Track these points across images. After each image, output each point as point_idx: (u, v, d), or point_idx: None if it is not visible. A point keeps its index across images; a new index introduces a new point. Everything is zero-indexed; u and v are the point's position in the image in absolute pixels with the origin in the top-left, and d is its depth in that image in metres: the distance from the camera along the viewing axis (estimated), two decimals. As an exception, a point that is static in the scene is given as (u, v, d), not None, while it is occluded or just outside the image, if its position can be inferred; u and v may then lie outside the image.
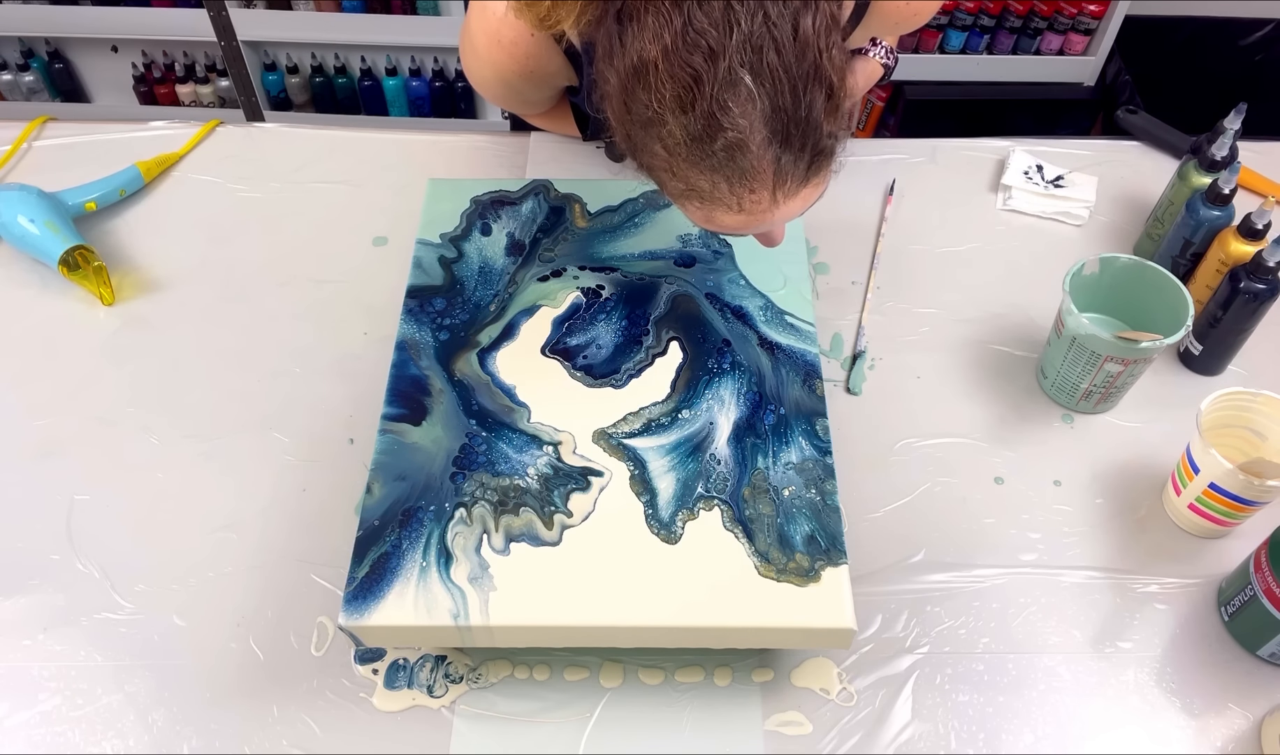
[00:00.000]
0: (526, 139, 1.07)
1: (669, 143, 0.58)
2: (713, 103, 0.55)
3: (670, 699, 0.70)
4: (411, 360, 0.75)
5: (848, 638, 0.63)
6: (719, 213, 0.61)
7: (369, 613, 0.62)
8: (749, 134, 0.56)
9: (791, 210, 0.62)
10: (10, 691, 0.70)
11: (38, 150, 1.08)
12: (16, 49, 2.12)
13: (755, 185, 0.58)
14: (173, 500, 0.80)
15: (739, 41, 0.54)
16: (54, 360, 0.89)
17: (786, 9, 0.55)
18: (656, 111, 0.57)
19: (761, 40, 0.54)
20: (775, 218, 0.62)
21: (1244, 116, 0.89)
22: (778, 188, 0.59)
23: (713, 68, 0.54)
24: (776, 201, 0.60)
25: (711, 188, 0.59)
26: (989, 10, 1.91)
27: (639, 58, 0.56)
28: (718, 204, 0.60)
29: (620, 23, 0.57)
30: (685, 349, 0.76)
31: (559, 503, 0.67)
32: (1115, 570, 0.77)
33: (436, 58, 2.09)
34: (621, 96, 0.59)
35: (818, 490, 0.68)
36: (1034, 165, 1.05)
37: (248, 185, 1.04)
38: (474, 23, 0.79)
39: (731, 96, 0.55)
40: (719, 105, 0.55)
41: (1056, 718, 0.70)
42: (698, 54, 0.54)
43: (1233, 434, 0.78)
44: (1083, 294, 0.85)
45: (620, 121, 0.61)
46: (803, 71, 0.56)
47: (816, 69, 0.56)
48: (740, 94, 0.55)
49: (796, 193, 0.60)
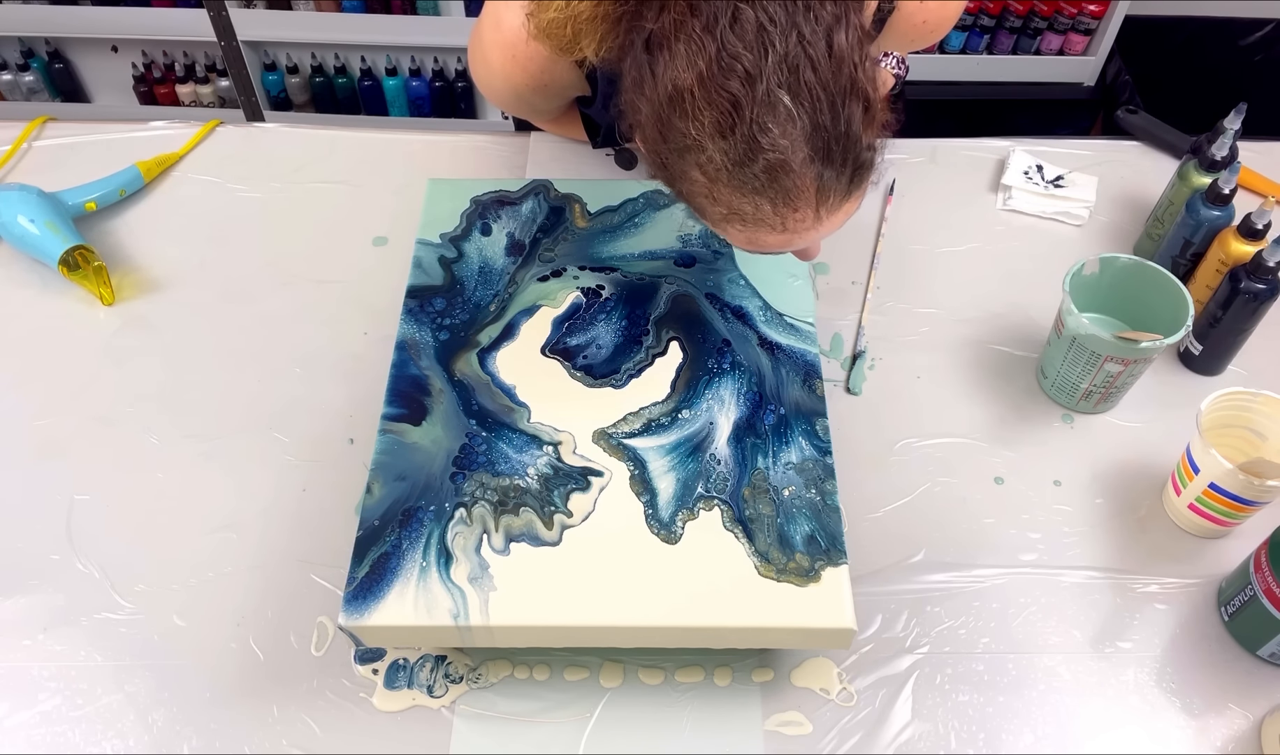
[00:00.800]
0: (527, 139, 1.07)
1: (709, 169, 0.57)
2: (753, 126, 0.55)
3: (670, 699, 0.70)
4: (411, 360, 0.75)
5: (848, 638, 0.63)
6: (762, 234, 0.61)
7: (369, 613, 0.62)
8: (790, 154, 0.56)
9: (834, 224, 0.61)
10: (10, 691, 0.70)
11: (38, 150, 1.08)
12: (16, 49, 2.12)
13: (799, 204, 0.58)
14: (173, 500, 0.80)
15: (775, 62, 0.54)
16: (54, 360, 0.89)
17: (820, 26, 0.54)
18: (695, 139, 0.56)
19: (797, 59, 0.54)
20: (819, 234, 0.62)
21: (1244, 116, 0.89)
22: (821, 204, 0.59)
23: (750, 91, 0.54)
24: (820, 218, 0.60)
25: (755, 210, 0.59)
26: (989, 10, 1.91)
27: (674, 86, 0.56)
28: (761, 225, 0.60)
29: (650, 52, 0.57)
30: (685, 349, 0.76)
31: (559, 503, 0.67)
32: (1115, 570, 0.77)
33: (436, 58, 2.09)
34: (656, 126, 0.58)
35: (818, 490, 0.68)
36: (1034, 165, 1.05)
37: (248, 185, 1.04)
38: (487, 34, 0.78)
39: (771, 118, 0.55)
40: (759, 127, 0.55)
41: (1056, 718, 0.70)
42: (734, 78, 0.54)
43: (1233, 434, 0.78)
44: (1083, 294, 0.85)
45: (654, 150, 0.60)
46: (840, 87, 0.55)
47: (853, 83, 0.56)
48: (780, 114, 0.55)
49: (839, 207, 0.60)
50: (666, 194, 0.87)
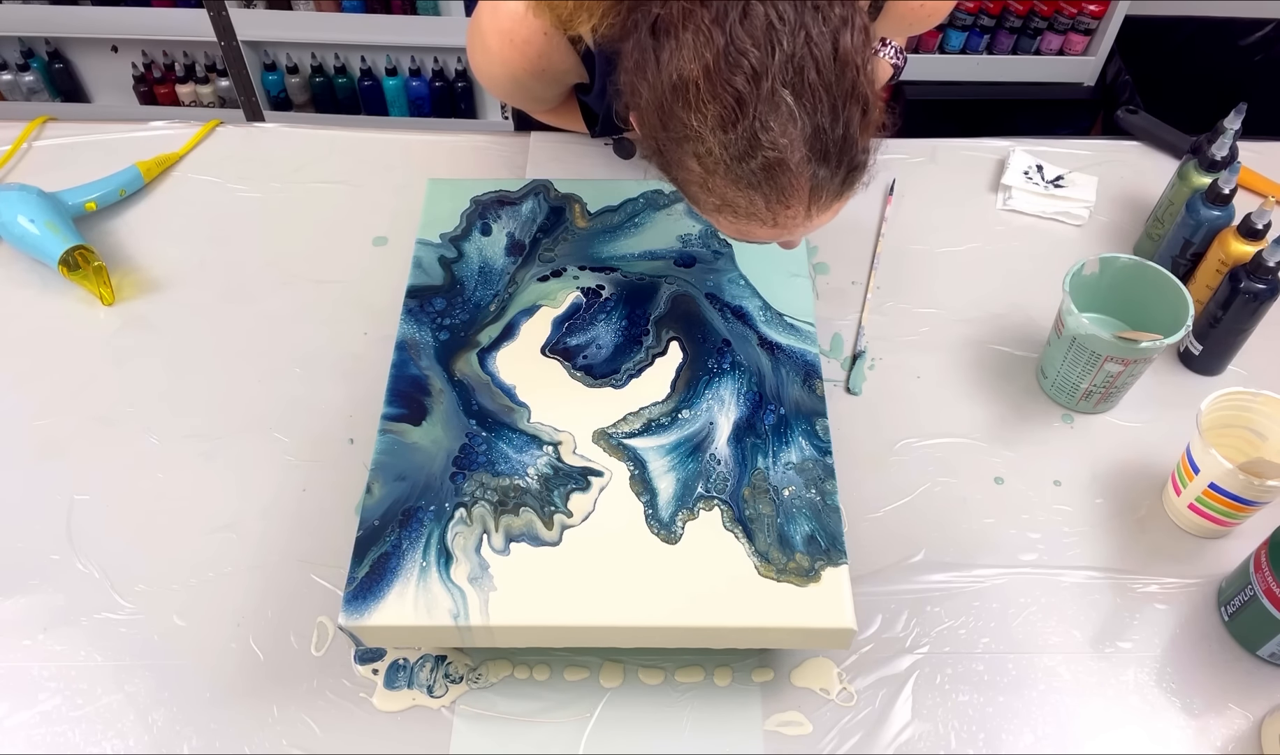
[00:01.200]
0: (527, 139, 1.07)
1: (706, 161, 0.58)
2: (755, 123, 0.55)
3: (670, 699, 0.70)
4: (411, 360, 0.75)
5: (848, 638, 0.63)
6: (753, 226, 0.61)
7: (369, 613, 0.62)
8: (789, 153, 0.56)
9: (822, 221, 0.62)
10: (10, 691, 0.70)
11: (38, 150, 1.08)
12: (16, 49, 2.11)
13: (791, 201, 0.58)
14: (173, 500, 0.80)
15: (781, 61, 0.54)
16: (54, 360, 0.89)
17: (827, 27, 0.55)
18: (695, 130, 0.57)
19: (803, 60, 0.54)
20: (807, 230, 0.62)
21: (1244, 116, 0.89)
22: (813, 203, 0.59)
23: (755, 88, 0.54)
24: (810, 215, 0.60)
25: (748, 204, 0.59)
26: (989, 10, 1.91)
27: (678, 76, 0.56)
28: (753, 219, 0.60)
29: (655, 37, 0.57)
30: (685, 349, 0.76)
31: (559, 503, 0.67)
32: (1115, 570, 0.77)
33: (436, 58, 2.08)
34: (656, 112, 0.58)
35: (818, 490, 0.68)
36: (1034, 165, 1.05)
37: (248, 185, 1.04)
38: (485, 20, 0.78)
39: (774, 116, 0.55)
40: (761, 125, 0.55)
41: (1056, 718, 0.70)
42: (740, 75, 0.54)
43: (1233, 434, 0.78)
44: (1083, 294, 0.85)
45: (652, 135, 0.60)
46: (842, 90, 0.56)
47: (855, 87, 0.56)
48: (782, 114, 0.55)
49: (829, 206, 0.61)
50: (666, 194, 0.87)
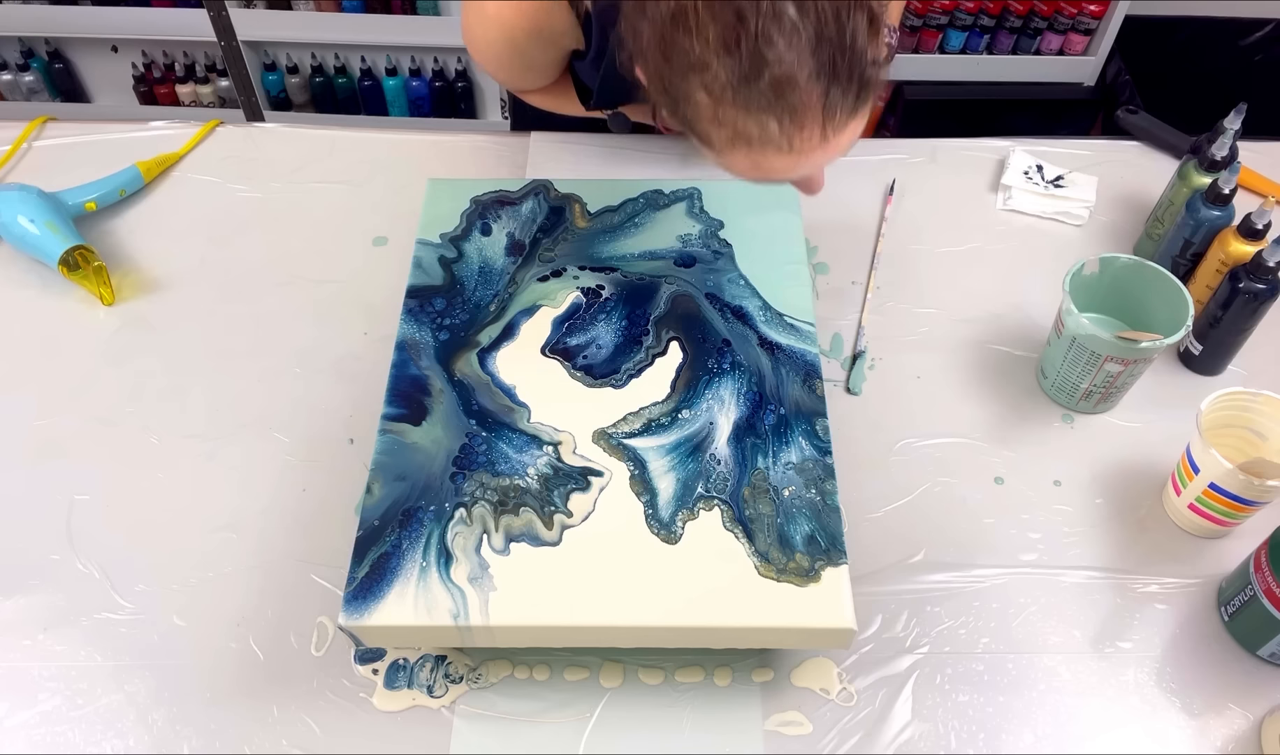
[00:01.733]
0: (526, 139, 1.07)
1: (714, 88, 0.57)
2: (758, 39, 0.54)
3: (670, 699, 0.70)
4: (411, 360, 0.75)
5: (848, 638, 0.63)
6: (769, 156, 0.60)
7: (369, 613, 0.62)
8: (796, 68, 0.55)
9: (840, 145, 0.61)
10: (10, 691, 0.70)
11: (38, 150, 1.08)
12: (16, 49, 2.11)
13: (805, 121, 0.57)
14: (173, 500, 0.80)
15: None
16: (54, 360, 0.89)
17: None
18: (699, 56, 0.56)
19: None
20: (825, 156, 0.61)
21: (1244, 116, 0.89)
22: (827, 122, 0.58)
23: (755, 2, 0.54)
24: (826, 137, 0.59)
25: (760, 131, 0.58)
26: (989, 10, 1.91)
27: (677, 2, 0.55)
28: (767, 147, 0.59)
29: None
30: (685, 349, 0.76)
31: (559, 503, 0.67)
32: (1115, 570, 0.77)
33: (436, 58, 2.08)
34: (659, 47, 0.58)
35: (818, 490, 0.68)
36: (1034, 165, 1.05)
37: (248, 185, 1.04)
38: None
39: (776, 29, 0.54)
40: (764, 40, 0.54)
41: (1056, 718, 0.70)
42: None
43: (1233, 434, 0.78)
44: (1083, 294, 0.85)
45: (658, 74, 0.60)
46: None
47: None
48: (785, 26, 0.54)
49: (845, 125, 0.59)
50: (666, 194, 0.87)
